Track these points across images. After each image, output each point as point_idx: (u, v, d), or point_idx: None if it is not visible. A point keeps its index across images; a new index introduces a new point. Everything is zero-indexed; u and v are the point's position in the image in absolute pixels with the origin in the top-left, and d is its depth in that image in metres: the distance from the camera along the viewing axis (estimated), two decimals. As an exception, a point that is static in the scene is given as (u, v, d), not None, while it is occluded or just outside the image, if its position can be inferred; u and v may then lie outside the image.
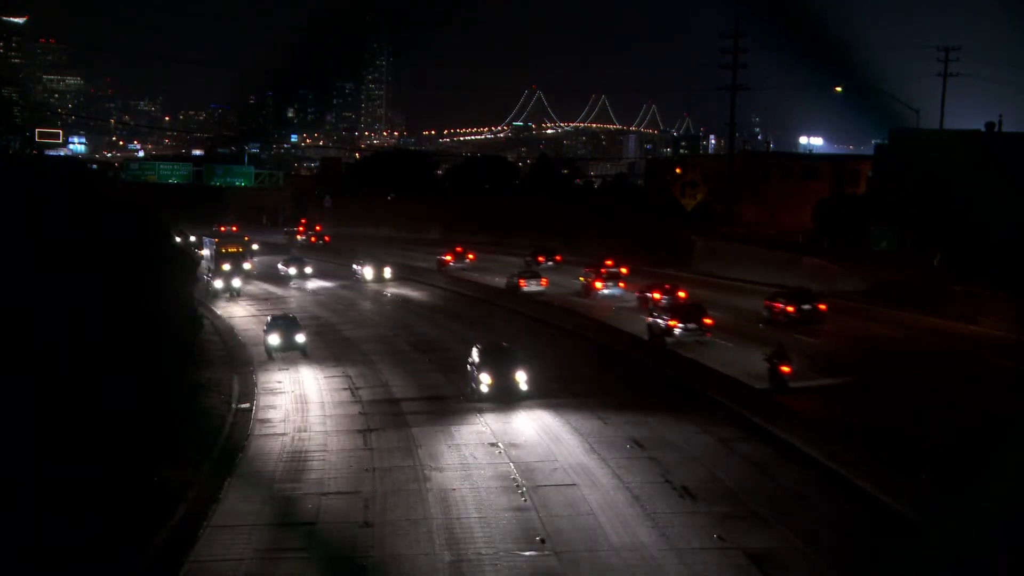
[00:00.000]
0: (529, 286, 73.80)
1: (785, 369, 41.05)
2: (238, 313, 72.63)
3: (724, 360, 46.95)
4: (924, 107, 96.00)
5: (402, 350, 55.82)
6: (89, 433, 30.20)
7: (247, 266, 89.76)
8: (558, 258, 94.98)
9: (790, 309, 58.05)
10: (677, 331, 51.91)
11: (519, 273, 77.49)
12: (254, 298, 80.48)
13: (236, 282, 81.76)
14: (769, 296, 60.45)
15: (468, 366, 44.61)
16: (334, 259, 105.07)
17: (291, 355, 54.44)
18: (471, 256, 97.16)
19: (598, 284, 73.09)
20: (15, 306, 30.92)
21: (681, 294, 63.93)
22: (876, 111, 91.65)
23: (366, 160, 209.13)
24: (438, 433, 38.12)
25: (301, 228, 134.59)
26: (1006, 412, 36.77)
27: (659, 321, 53.64)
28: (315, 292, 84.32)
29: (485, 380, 42.14)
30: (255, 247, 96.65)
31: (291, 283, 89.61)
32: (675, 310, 54.51)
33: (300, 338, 54.41)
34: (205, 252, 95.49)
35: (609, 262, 78.98)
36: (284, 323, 55.72)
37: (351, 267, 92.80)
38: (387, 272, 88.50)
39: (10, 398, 27.67)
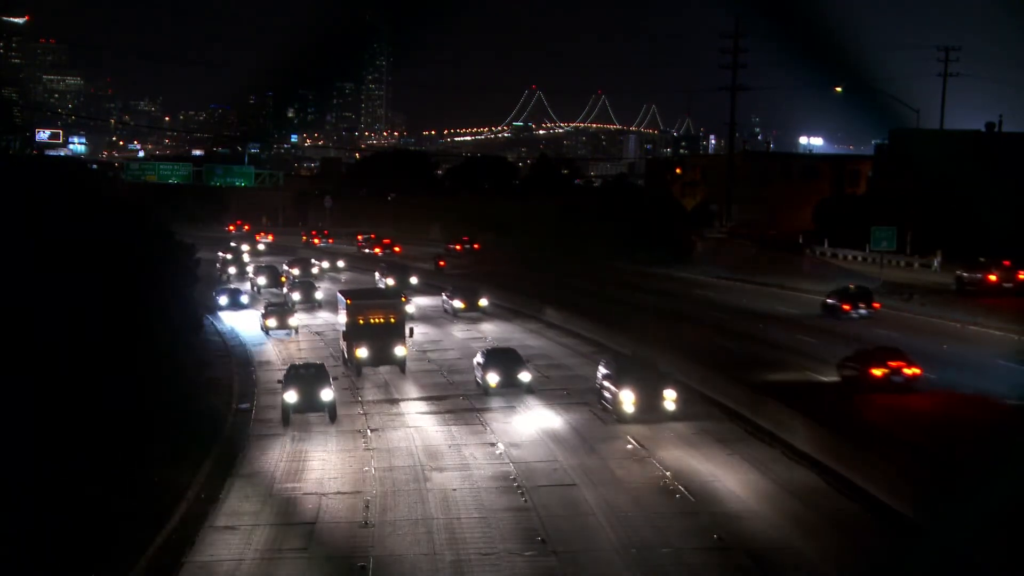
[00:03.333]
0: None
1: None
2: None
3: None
4: (924, 107, 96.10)
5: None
6: (89, 433, 30.20)
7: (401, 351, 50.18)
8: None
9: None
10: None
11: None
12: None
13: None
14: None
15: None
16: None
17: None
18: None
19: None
20: (14, 306, 30.91)
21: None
22: (876, 111, 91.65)
23: (366, 160, 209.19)
24: (438, 432, 38.35)
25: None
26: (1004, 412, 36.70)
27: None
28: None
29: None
30: (411, 309, 60.49)
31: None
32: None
33: (326, 395, 40.36)
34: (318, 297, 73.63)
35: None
36: (306, 374, 41.41)
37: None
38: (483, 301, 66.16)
39: (10, 398, 27.66)
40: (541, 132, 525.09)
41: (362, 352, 48.10)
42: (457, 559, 25.77)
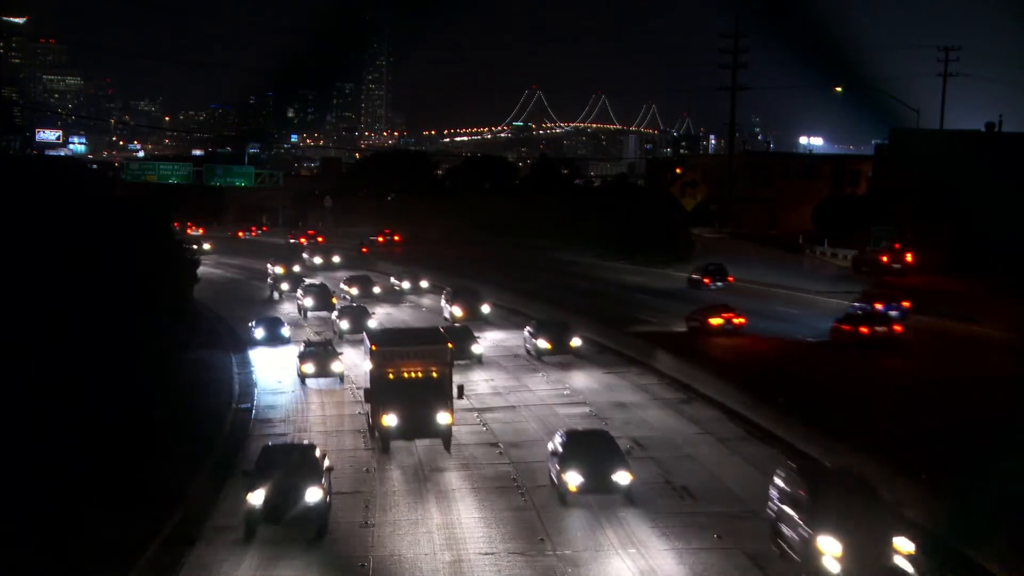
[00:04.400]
0: None
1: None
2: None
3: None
4: (924, 107, 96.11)
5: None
6: (88, 433, 30.20)
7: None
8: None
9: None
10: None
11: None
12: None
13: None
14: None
15: None
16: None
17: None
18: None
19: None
20: (14, 306, 30.95)
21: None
22: (876, 111, 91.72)
23: (366, 160, 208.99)
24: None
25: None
26: (1004, 412, 36.74)
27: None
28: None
29: None
30: (479, 350, 50.90)
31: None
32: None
33: (313, 496, 27.53)
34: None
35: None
36: (287, 462, 28.70)
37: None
38: (575, 341, 51.76)
39: (9, 398, 27.69)
40: (548, 132, 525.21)
41: (390, 420, 34.46)
42: None
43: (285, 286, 77.45)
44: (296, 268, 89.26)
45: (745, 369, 44.69)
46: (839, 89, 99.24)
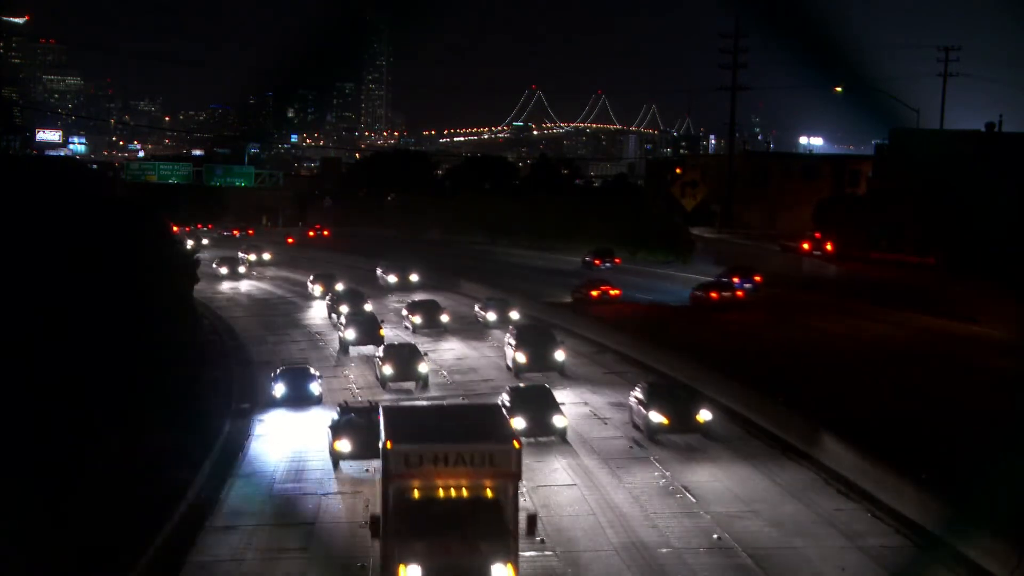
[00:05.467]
0: None
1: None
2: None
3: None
4: (924, 107, 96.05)
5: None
6: (88, 433, 30.19)
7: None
8: None
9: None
10: None
11: None
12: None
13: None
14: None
15: None
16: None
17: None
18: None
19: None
20: (14, 306, 30.92)
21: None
22: (876, 111, 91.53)
23: (366, 160, 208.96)
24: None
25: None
26: (1005, 412, 36.76)
27: None
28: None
29: None
30: (561, 423, 36.88)
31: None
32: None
33: None
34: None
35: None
36: None
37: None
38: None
39: (9, 398, 27.68)
40: (548, 132, 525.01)
41: (413, 573, 21.32)
42: None
43: (343, 315, 59.25)
44: (340, 285, 71.71)
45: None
46: (839, 89, 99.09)
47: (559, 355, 46.91)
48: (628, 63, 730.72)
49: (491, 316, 61.63)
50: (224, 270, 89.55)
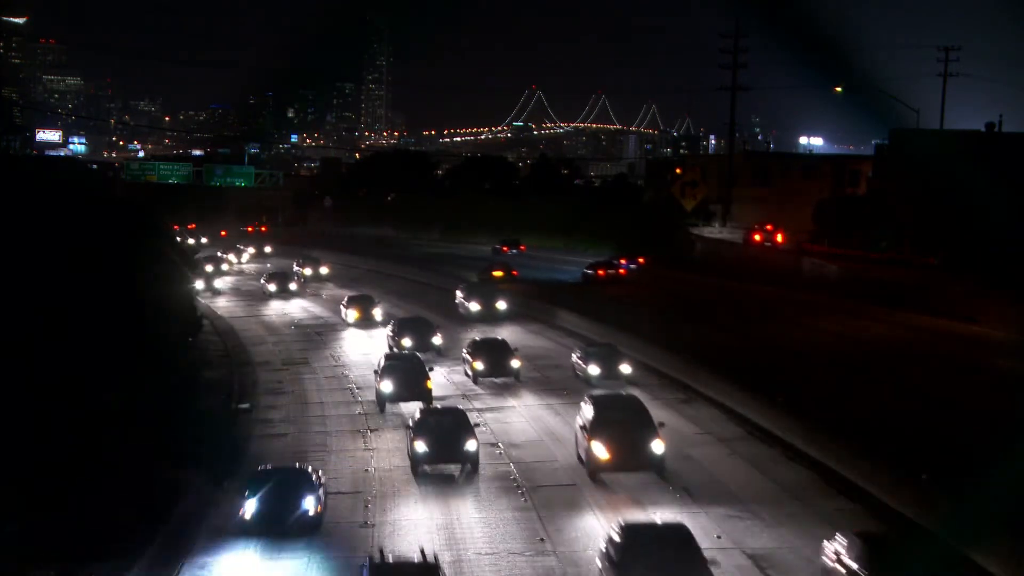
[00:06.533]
0: None
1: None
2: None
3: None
4: (924, 107, 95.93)
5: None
6: (88, 433, 30.19)
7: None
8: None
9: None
10: None
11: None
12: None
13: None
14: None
15: None
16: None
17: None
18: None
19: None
20: (14, 306, 30.92)
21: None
22: (876, 111, 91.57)
23: (366, 160, 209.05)
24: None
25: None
26: (1005, 412, 36.75)
27: None
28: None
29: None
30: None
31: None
32: None
33: None
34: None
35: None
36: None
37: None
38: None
39: (9, 398, 27.68)
40: (548, 132, 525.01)
41: None
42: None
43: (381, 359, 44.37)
44: (378, 310, 63.53)
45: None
46: (839, 89, 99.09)
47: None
48: (628, 63, 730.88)
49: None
50: (272, 287, 77.68)
